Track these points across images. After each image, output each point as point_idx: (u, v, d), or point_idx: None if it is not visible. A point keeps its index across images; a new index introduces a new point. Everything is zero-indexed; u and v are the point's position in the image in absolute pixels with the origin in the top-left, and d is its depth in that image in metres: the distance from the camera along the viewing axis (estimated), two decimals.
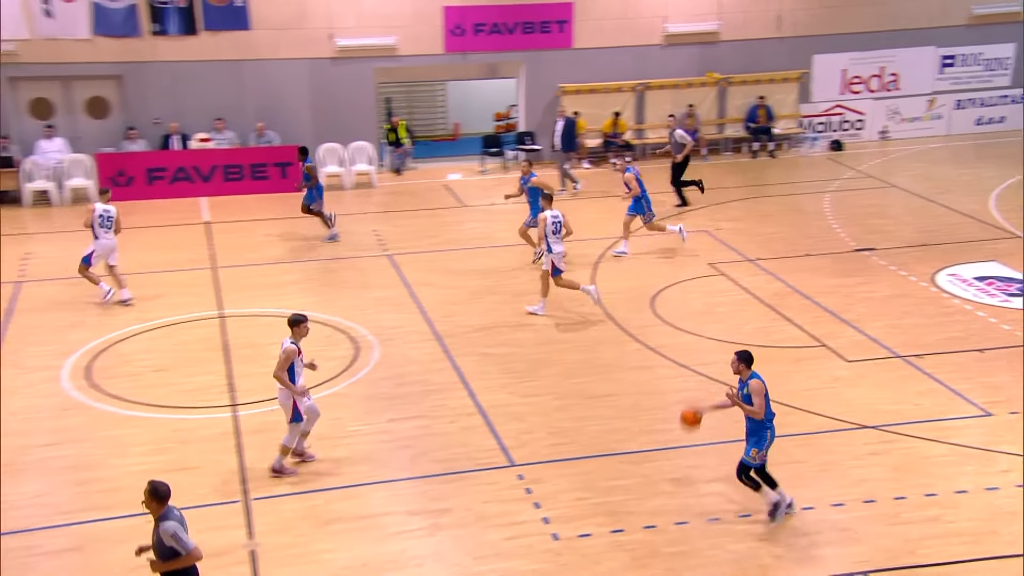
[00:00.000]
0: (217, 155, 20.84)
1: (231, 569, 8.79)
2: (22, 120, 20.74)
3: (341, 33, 21.72)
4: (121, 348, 13.47)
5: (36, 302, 14.99)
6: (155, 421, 11.51)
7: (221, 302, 15.04)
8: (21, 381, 12.40)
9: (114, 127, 21.24)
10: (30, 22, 19.84)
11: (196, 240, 18.00)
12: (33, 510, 9.72)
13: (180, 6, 20.74)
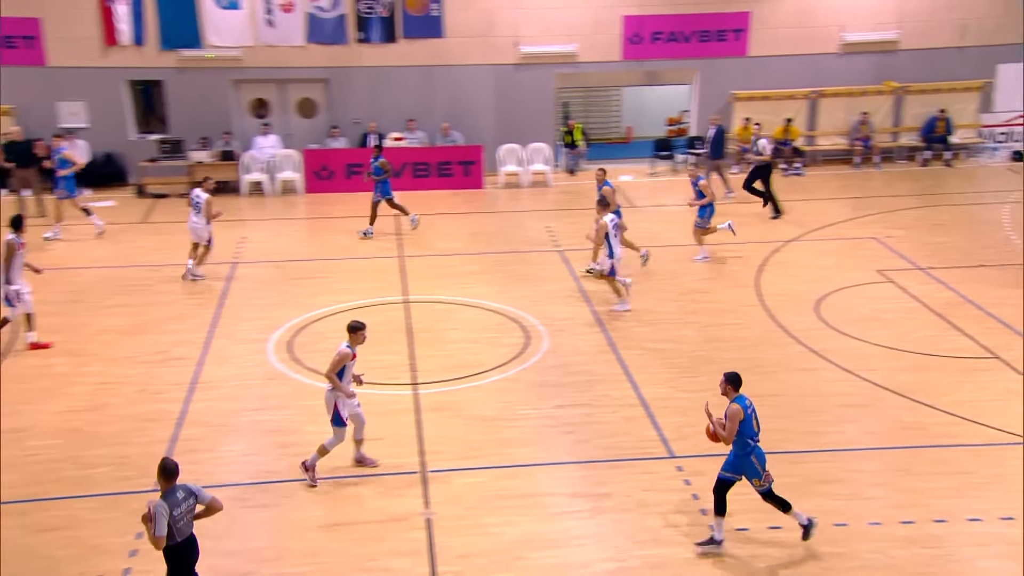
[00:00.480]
0: (408, 153, 21.52)
1: (410, 534, 9.08)
2: (243, 118, 22.04)
3: (526, 41, 21.98)
4: (319, 326, 14.08)
5: (248, 281, 15.89)
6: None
7: (406, 288, 15.53)
8: (234, 351, 13.16)
9: (320, 126, 22.27)
10: (255, 31, 21.06)
11: (386, 231, 18.64)
12: (241, 467, 10.32)
13: (383, 16, 21.52)
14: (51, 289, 15.11)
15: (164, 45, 20.75)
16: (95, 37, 20.47)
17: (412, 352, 13.14)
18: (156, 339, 13.43)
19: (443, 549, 8.88)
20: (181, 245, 17.44)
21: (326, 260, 17.00)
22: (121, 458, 10.36)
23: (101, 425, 11.07)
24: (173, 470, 7.42)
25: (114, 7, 20.32)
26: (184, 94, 21.13)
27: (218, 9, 20.78)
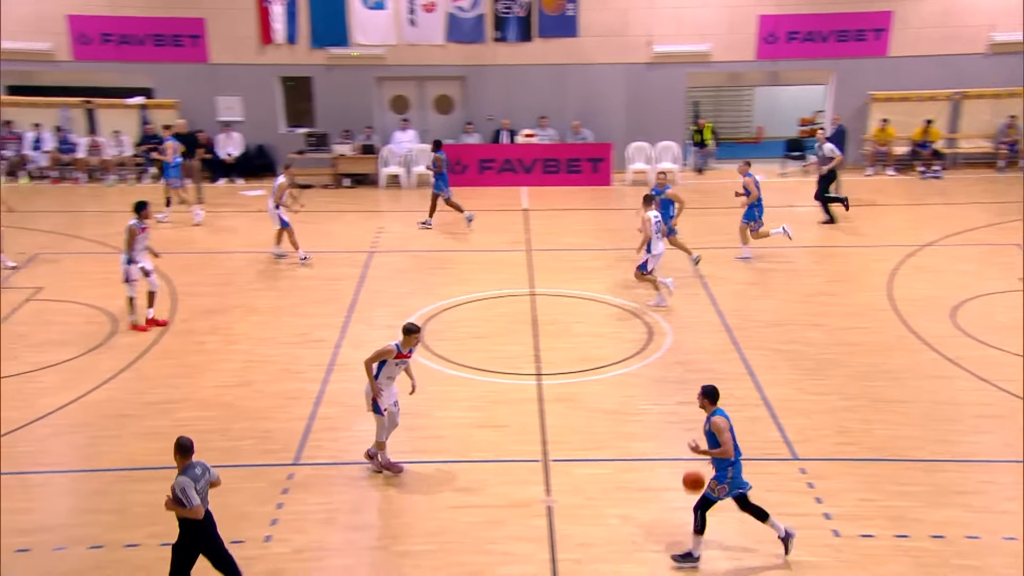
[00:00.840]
0: (539, 149, 21.59)
1: (531, 521, 9.13)
2: (384, 114, 22.59)
3: (659, 40, 21.71)
4: (448, 315, 14.29)
5: (384, 270, 16.28)
6: (473, 382, 12.14)
7: (533, 281, 15.59)
8: (369, 336, 13.40)
9: (455, 122, 22.59)
10: (398, 30, 21.54)
11: (515, 224, 18.75)
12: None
13: (520, 16, 21.65)
14: (204, 272, 15.87)
15: (314, 43, 21.46)
16: (252, 36, 21.33)
17: (537, 343, 13.18)
18: (298, 322, 13.88)
19: (563, 537, 8.89)
20: (325, 233, 18.04)
21: (457, 251, 17.25)
22: (265, 432, 10.78)
23: (248, 400, 11.55)
24: (189, 447, 7.65)
25: (271, 8, 21.15)
26: (330, 90, 21.81)
27: (365, 9, 21.35)
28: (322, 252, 16.92)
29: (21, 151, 21.02)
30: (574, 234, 18.12)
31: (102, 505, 9.31)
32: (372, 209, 19.77)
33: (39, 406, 11.21)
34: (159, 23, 20.96)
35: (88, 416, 11.06)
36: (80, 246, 16.87)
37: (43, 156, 21.08)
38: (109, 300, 14.32)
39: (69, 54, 20.94)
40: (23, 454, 10.26)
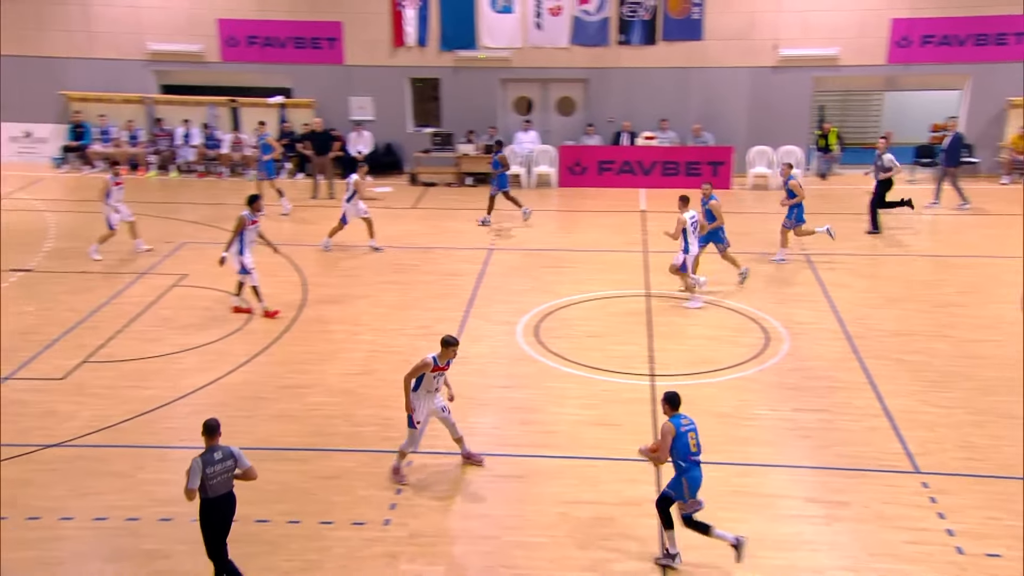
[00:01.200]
0: (658, 152, 21.36)
1: (643, 519, 9.04)
2: (507, 115, 22.77)
3: (786, 44, 21.15)
4: (564, 313, 14.29)
5: (502, 267, 16.41)
6: (587, 380, 12.11)
7: (648, 282, 15.44)
8: (486, 331, 13.62)
9: (576, 123, 22.58)
10: (524, 34, 21.68)
11: (632, 226, 18.59)
12: (488, 438, 10.69)
13: (645, 19, 21.47)
14: (334, 264, 16.34)
15: (443, 46, 21.82)
16: (385, 39, 21.83)
17: (651, 344, 13.05)
18: (419, 314, 14.13)
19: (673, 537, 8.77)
20: (446, 230, 18.31)
21: (574, 251, 17.24)
22: (386, 419, 11.03)
23: (371, 388, 11.85)
24: (213, 428, 7.79)
25: (404, 12, 21.63)
26: (457, 91, 22.13)
27: (493, 13, 21.58)
28: (444, 248, 17.18)
29: (172, 146, 22.12)
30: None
31: (236, 482, 9.68)
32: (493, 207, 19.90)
33: (181, 386, 11.78)
34: (300, 26, 21.70)
35: (225, 397, 11.55)
36: (222, 236, 17.60)
37: (191, 151, 22.12)
38: (246, 288, 14.90)
39: (218, 56, 21.91)
40: (167, 429, 10.81)
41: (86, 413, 10.96)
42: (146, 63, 21.95)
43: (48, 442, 10.35)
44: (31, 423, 10.68)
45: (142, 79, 22.08)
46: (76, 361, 12.34)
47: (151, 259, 16.18)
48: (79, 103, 22.02)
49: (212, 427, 7.82)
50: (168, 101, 22.27)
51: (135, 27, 21.67)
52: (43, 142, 22.22)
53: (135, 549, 8.63)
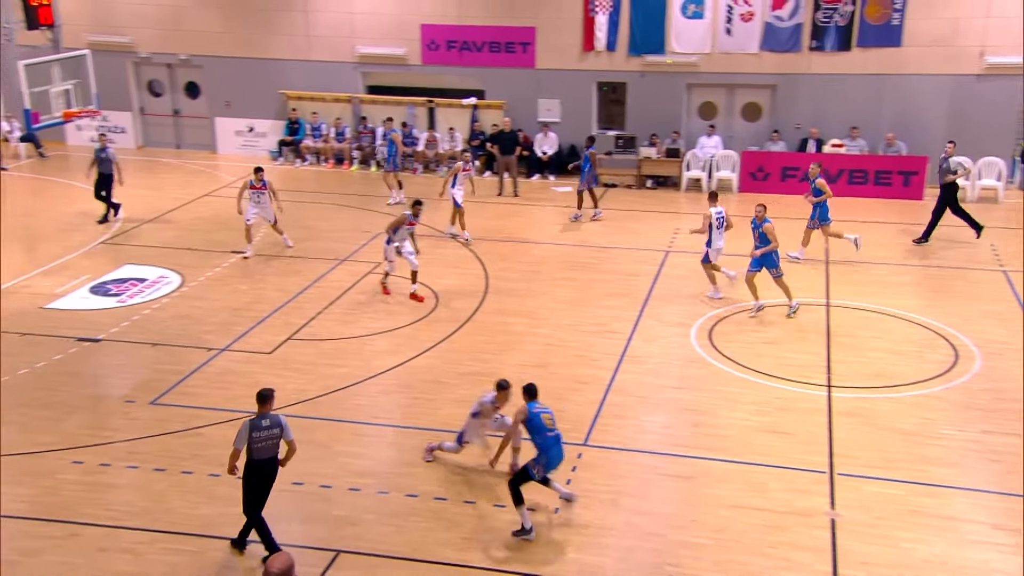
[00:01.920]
0: (846, 160, 20.36)
1: (812, 531, 8.71)
2: (691, 119, 22.38)
3: (992, 51, 19.64)
4: (739, 318, 13.92)
5: (679, 269, 16.15)
6: (760, 386, 11.77)
7: (829, 292, 14.78)
8: (660, 332, 13.48)
9: (761, 129, 21.89)
10: (713, 39, 21.24)
11: (814, 234, 17.80)
12: (658, 437, 10.61)
13: (840, 25, 20.53)
14: (516, 259, 16.60)
15: (632, 51, 21.70)
16: (576, 44, 21.95)
17: (829, 355, 12.51)
18: (595, 312, 14.15)
19: (845, 552, 8.39)
20: (626, 230, 18.23)
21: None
22: (559, 411, 11.00)
23: (545, 380, 11.86)
24: (264, 397, 8.25)
25: (596, 17, 21.67)
26: (642, 95, 21.94)
27: (684, 19, 21.26)
28: (621, 248, 17.12)
29: (373, 143, 23.16)
30: (878, 247, 16.91)
31: (418, 460, 10.08)
32: (672, 210, 19.68)
33: (372, 366, 12.35)
34: (496, 31, 22.16)
35: (411, 379, 12.01)
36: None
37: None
38: (435, 279, 15.43)
39: (419, 59, 22.73)
40: (358, 407, 11.36)
41: (290, 386, 11.68)
42: (355, 65, 23.08)
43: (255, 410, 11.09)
44: (240, 391, 11.50)
45: (351, 80, 23.24)
46: (282, 337, 13.18)
47: (350, 246, 17.01)
48: (295, 101, 23.44)
49: (265, 396, 8.31)
50: (372, 100, 23.32)
51: (348, 32, 22.84)
52: (263, 136, 23.82)
53: (326, 514, 9.13)
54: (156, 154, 24.07)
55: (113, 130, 24.23)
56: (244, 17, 23.11)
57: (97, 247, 16.88)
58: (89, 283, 15.12)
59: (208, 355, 12.56)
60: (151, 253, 16.12)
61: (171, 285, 15.08)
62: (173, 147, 24.62)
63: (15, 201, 20.23)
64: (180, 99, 24.52)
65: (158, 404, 11.21)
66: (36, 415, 10.95)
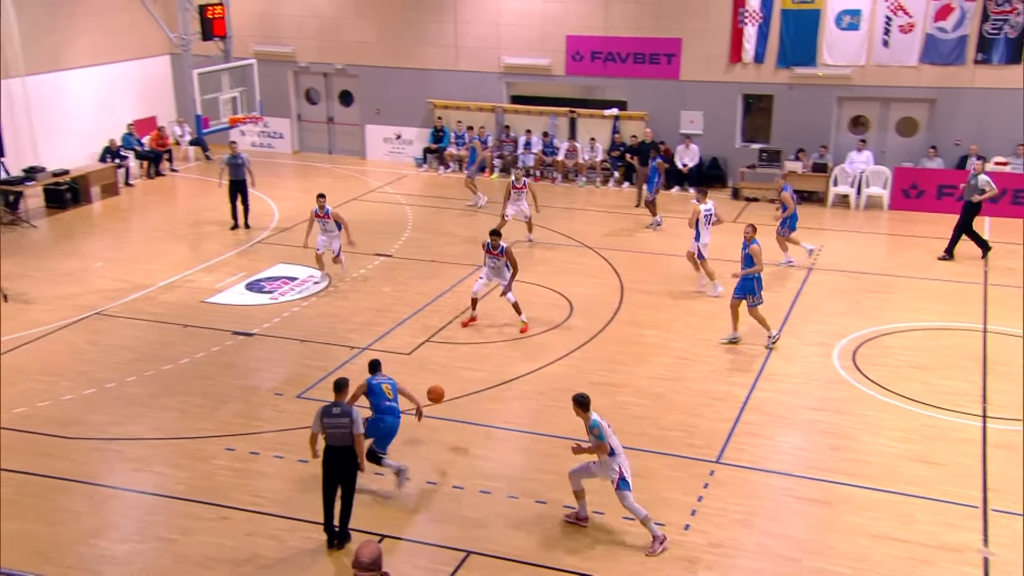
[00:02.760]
0: (1011, 179, 19.11)
1: (962, 569, 8.21)
2: (840, 133, 21.54)
3: None
4: (886, 341, 13.32)
5: (821, 287, 15.59)
6: (908, 412, 11.20)
7: (986, 316, 13.91)
8: (799, 350, 13.04)
9: (917, 145, 20.84)
10: (869, 51, 20.38)
11: (972, 254, 16.83)
12: (793, 459, 10.24)
13: (1010, 37, 19.32)
14: (651, 271, 16.42)
15: (780, 63, 21.10)
16: (722, 55, 21.54)
17: (985, 383, 11.77)
18: (730, 327, 13.84)
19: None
20: (766, 246, 17.63)
21: (901, 277, 15.97)
22: (691, 427, 10.94)
23: (678, 394, 11.80)
24: (339, 386, 8.52)
25: (745, 28, 21.20)
26: (790, 108, 21.30)
27: (838, 30, 20.50)
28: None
29: (514, 152, 23.45)
30: None
31: (548, 466, 10.12)
32: (816, 227, 18.99)
33: (506, 372, 12.47)
34: (641, 42, 22.01)
35: (543, 386, 12.07)
36: (546, 236, 18.40)
37: (530, 157, 23.27)
38: (570, 287, 15.47)
39: (563, 69, 22.86)
40: (491, 411, 11.50)
41: (425, 387, 11.90)
42: (500, 75, 23.45)
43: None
44: None
45: (495, 89, 23.62)
46: (421, 339, 13.51)
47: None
48: (441, 110, 24.03)
49: (340, 385, 8.60)
50: (515, 110, 23.61)
51: (494, 43, 23.22)
52: (409, 144, 24.53)
53: (456, 515, 9.28)
54: (310, 159, 25.18)
55: (273, 135, 25.53)
56: (398, 28, 23.87)
57: (254, 246, 17.79)
58: (245, 280, 15.95)
59: (350, 353, 13.01)
60: (301, 253, 16.85)
61: (319, 285, 15.71)
62: (325, 152, 25.69)
63: (183, 201, 21.62)
64: (334, 107, 25.57)
65: (304, 398, 11.70)
66: (195, 402, 11.63)
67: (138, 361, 12.77)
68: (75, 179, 20.58)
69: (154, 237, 18.44)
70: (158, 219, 19.78)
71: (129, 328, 13.92)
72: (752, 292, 13.06)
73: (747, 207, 20.71)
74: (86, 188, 20.73)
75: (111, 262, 16.79)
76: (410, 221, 19.64)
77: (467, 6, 23.17)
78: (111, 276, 16.06)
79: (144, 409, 11.45)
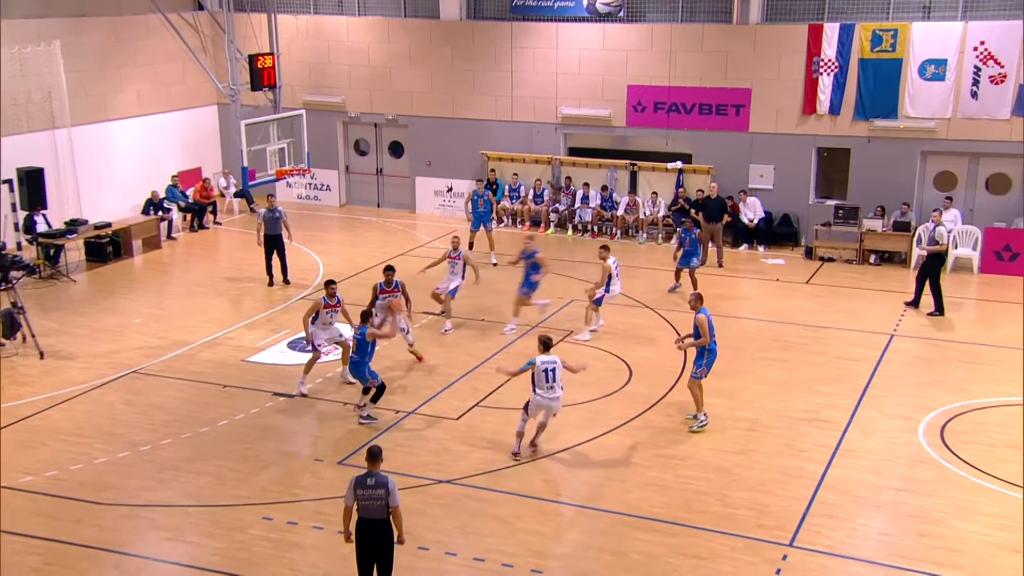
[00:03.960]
0: None
1: None
2: (924, 190, 21.28)
3: None
4: (977, 416, 12.97)
5: (904, 355, 15.30)
6: (1005, 496, 10.84)
7: None
8: (881, 425, 12.77)
9: (1010, 204, 20.47)
10: (956, 103, 20.18)
11: None
12: (876, 545, 9.96)
13: None
14: (718, 335, 16.07)
15: (858, 115, 21.02)
16: (795, 106, 21.53)
17: None
18: (805, 397, 13.64)
19: None
20: (843, 311, 17.49)
21: (993, 346, 15.58)
22: (762, 505, 10.72)
23: (747, 469, 11.59)
24: (372, 455, 8.45)
25: (820, 79, 21.20)
26: (868, 162, 21.15)
27: (922, 81, 20.38)
28: (838, 328, 16.48)
29: (572, 206, 23.61)
30: None
31: (604, 544, 9.98)
32: (899, 290, 18.69)
33: (560, 440, 12.40)
34: (708, 93, 22.13)
35: (599, 457, 11.96)
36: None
37: (587, 211, 23.41)
38: (629, 351, 15.40)
39: (623, 120, 23.11)
40: (545, 482, 11.45)
41: (475, 455, 11.94)
42: (557, 126, 23.77)
43: (440, 477, 11.43)
44: (425, 458, 11.89)
45: (552, 141, 23.93)
46: (470, 403, 13.54)
47: (540, 315, 17.26)
48: (495, 162, 24.40)
49: (374, 454, 8.52)
50: (572, 162, 23.85)
51: (551, 92, 23.58)
52: (460, 196, 24.90)
53: None
54: (357, 211, 25.67)
55: (320, 187, 26.14)
56: (451, 78, 24.42)
57: (297, 302, 18.10)
58: (288, 338, 16.20)
59: (395, 417, 13.08)
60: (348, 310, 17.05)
61: None
62: (374, 205, 26.18)
63: (225, 255, 22.13)
64: (384, 158, 26.13)
65: (345, 464, 11.76)
66: (232, 467, 11.77)
67: (175, 422, 13.00)
68: (117, 232, 21.24)
69: (195, 292, 18.89)
70: (200, 274, 20.28)
71: (167, 387, 14.21)
72: (698, 364, 12.57)
73: (821, 267, 20.49)
74: (127, 241, 21.38)
75: (150, 318, 17.22)
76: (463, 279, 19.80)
77: (524, 56, 23.64)
78: (150, 333, 16.46)
79: (179, 474, 11.61)
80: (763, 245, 21.89)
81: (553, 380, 11.56)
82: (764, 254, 21.49)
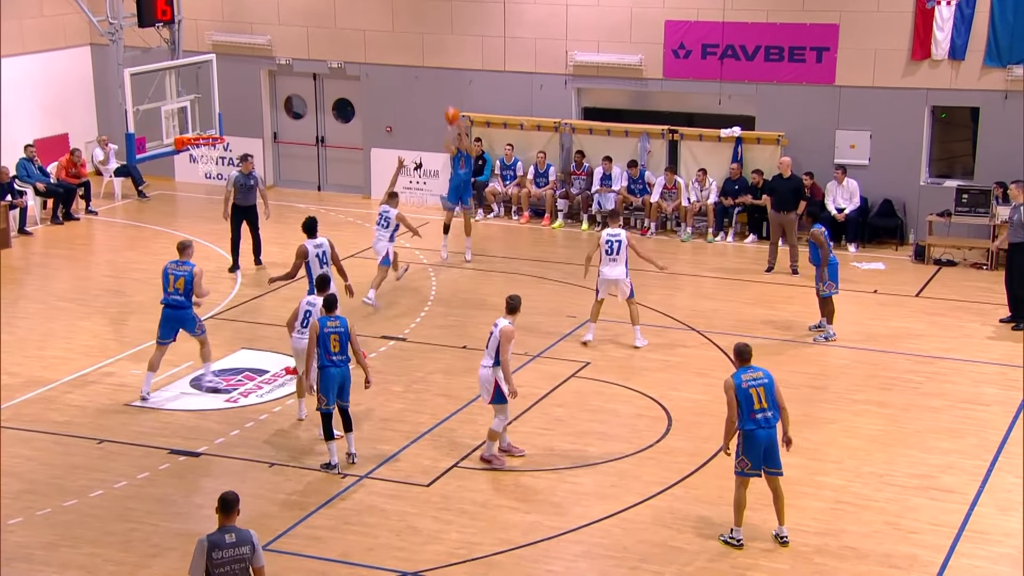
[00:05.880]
0: None
1: None
2: None
3: None
4: None
5: None
6: None
7: None
8: (1019, 497, 12.80)
9: None
10: None
11: None
12: None
13: None
14: (792, 368, 16.22)
15: (990, 60, 21.05)
16: (901, 49, 21.47)
17: None
18: (917, 457, 13.69)
19: None
20: (967, 334, 17.57)
21: None
22: None
23: (834, 558, 11.59)
24: (228, 503, 8.52)
25: (936, 9, 21.05)
26: (1007, 128, 21.05)
27: None
28: (960, 360, 16.63)
29: (588, 190, 23.43)
30: None
31: None
32: None
33: (571, 515, 12.41)
34: (778, 31, 22.05)
35: (627, 539, 11.95)
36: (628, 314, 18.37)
37: (610, 197, 23.16)
38: (670, 390, 15.42)
39: (660, 70, 23.07)
40: (550, 572, 11.42)
41: (453, 535, 11.94)
42: (568, 78, 23.78)
43: (404, 569, 11.45)
44: (385, 540, 11.92)
45: (561, 100, 23.93)
46: (446, 463, 13.53)
47: (546, 338, 17.27)
48: (482, 128, 24.15)
49: (229, 502, 8.60)
50: (589, 128, 23.80)
51: (559, 32, 23.41)
52: (434, 177, 24.84)
53: None
54: (289, 196, 25.65)
55: (236, 163, 26.09)
56: (420, 11, 24.42)
57: (205, 323, 18.04)
58: (192, 373, 16.17)
59: (344, 484, 13.05)
60: (274, 334, 17.01)
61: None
62: (313, 188, 26.21)
63: (103, 257, 22.07)
64: (327, 122, 26.16)
65: (271, 550, 11.69)
66: (110, 558, 11.68)
67: (28, 494, 12.93)
68: None
69: (59, 309, 18.85)
70: (65, 283, 20.24)
71: (17, 444, 14.14)
72: None
73: (938, 273, 20.53)
74: None
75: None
76: (433, 290, 19.81)
77: None
78: None
79: (32, 568, 11.50)
80: (855, 243, 21.97)
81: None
82: (856, 255, 21.56)
